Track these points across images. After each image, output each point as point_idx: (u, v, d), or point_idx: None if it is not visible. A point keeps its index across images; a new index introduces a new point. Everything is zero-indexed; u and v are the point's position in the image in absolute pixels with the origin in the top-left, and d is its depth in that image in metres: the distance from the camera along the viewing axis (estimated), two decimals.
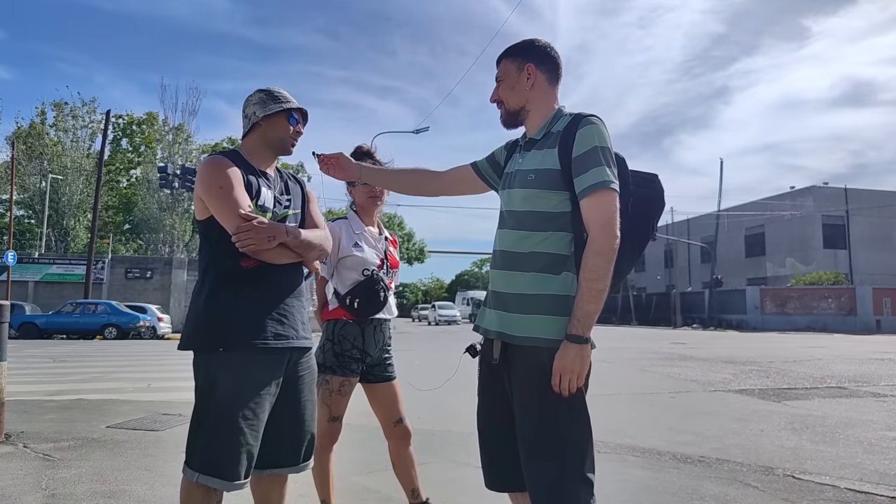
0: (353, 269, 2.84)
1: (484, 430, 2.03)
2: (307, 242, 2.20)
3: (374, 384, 2.93)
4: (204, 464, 2.03)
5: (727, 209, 43.54)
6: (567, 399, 1.79)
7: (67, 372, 10.73)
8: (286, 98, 2.29)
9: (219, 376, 2.08)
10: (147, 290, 30.02)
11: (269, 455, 2.17)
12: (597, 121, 1.89)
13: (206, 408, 2.08)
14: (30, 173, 38.46)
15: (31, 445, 4.65)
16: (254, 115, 2.26)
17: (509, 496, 2.03)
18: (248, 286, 2.12)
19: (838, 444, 5.11)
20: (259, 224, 2.03)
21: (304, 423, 2.26)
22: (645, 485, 3.89)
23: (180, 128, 41.63)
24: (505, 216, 2.01)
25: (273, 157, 2.33)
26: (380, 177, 2.48)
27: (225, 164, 2.14)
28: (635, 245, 1.98)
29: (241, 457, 2.03)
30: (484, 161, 2.25)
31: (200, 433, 2.06)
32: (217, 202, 2.08)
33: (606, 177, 1.82)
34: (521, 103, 2.02)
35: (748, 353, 15.36)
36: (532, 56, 2.01)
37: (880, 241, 41.26)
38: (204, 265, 2.21)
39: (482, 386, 2.05)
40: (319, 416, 2.80)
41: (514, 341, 1.86)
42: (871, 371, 11.00)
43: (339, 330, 2.83)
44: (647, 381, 9.58)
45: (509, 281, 1.92)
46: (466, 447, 4.75)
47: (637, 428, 5.66)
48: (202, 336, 2.13)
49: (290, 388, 2.21)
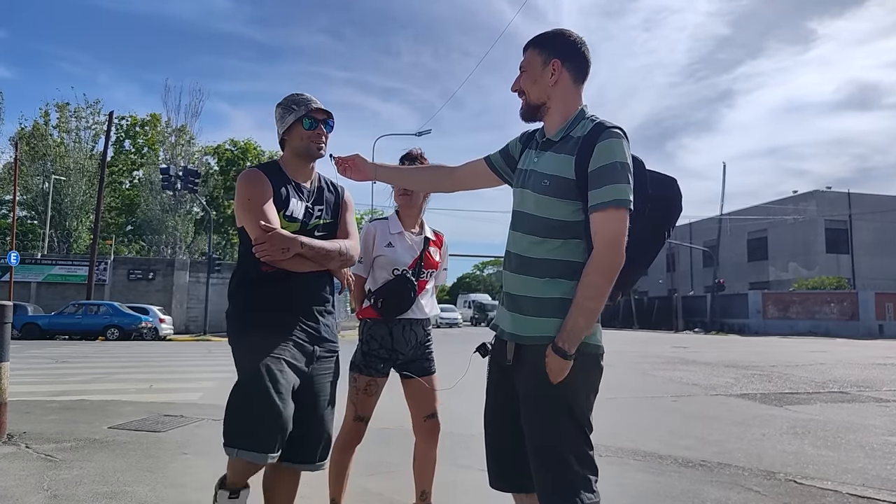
0: (383, 269, 2.91)
1: (490, 430, 2.03)
2: (324, 252, 2.27)
3: (410, 379, 2.95)
4: (238, 437, 2.04)
5: (730, 213, 43.50)
6: (573, 400, 1.80)
7: (69, 373, 10.75)
8: (300, 103, 2.34)
9: (242, 353, 2.21)
10: (149, 292, 30.04)
11: (285, 450, 2.18)
12: (619, 133, 1.83)
13: (240, 385, 2.11)
14: (33, 174, 38.51)
15: (34, 446, 4.65)
16: (278, 133, 2.39)
17: (513, 497, 2.03)
18: (266, 289, 2.25)
19: (840, 449, 5.10)
20: (275, 236, 2.13)
21: (322, 422, 2.32)
22: (646, 489, 3.89)
23: (183, 129, 41.71)
24: (518, 217, 1.97)
25: (306, 165, 2.41)
26: (395, 176, 2.48)
27: (256, 178, 2.27)
28: (651, 249, 1.96)
29: (275, 426, 2.03)
30: (497, 155, 2.21)
31: (234, 409, 2.08)
32: (243, 213, 2.23)
33: (622, 195, 1.77)
34: (542, 98, 1.95)
35: (750, 357, 15.33)
36: (560, 51, 1.92)
37: (883, 245, 41.16)
38: (236, 267, 2.39)
39: (491, 385, 2.04)
40: (346, 414, 2.87)
41: (526, 342, 1.86)
42: (873, 376, 10.98)
43: (367, 329, 2.89)
44: (649, 384, 9.57)
45: (522, 284, 1.90)
46: (468, 449, 4.74)
47: (638, 431, 5.65)
48: (229, 328, 2.31)
49: (309, 389, 2.27)
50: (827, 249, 40.95)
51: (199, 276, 30.60)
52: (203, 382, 9.35)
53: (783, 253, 42.72)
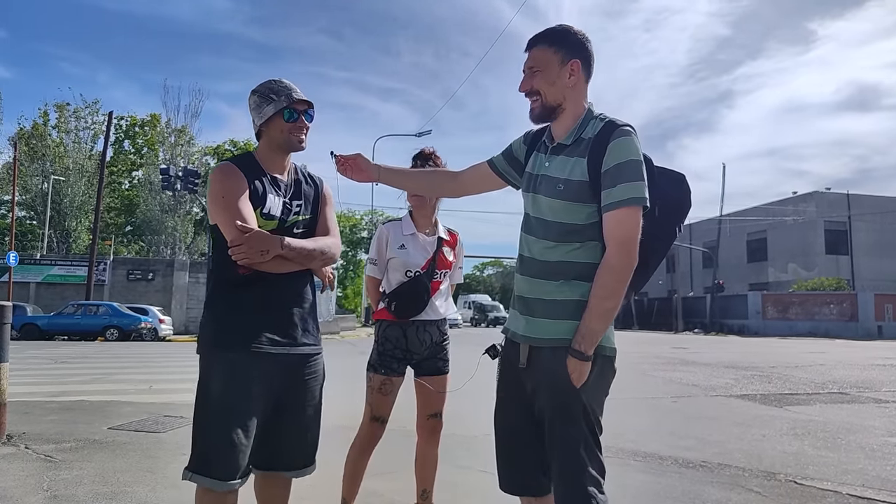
0: (397, 271, 2.93)
1: (500, 432, 2.00)
2: (306, 253, 2.13)
3: (422, 376, 2.97)
4: (197, 463, 2.03)
5: (729, 214, 43.53)
6: (587, 402, 1.80)
7: (69, 373, 10.73)
8: (280, 91, 2.17)
9: (211, 376, 2.09)
10: (148, 292, 30.02)
11: (270, 457, 2.17)
12: (629, 130, 1.81)
13: (199, 408, 2.09)
14: (32, 174, 38.52)
15: (33, 446, 4.65)
16: (254, 123, 2.22)
17: (521, 500, 2.01)
18: (245, 293, 2.11)
19: (840, 450, 5.10)
20: (253, 237, 1.99)
21: (306, 427, 2.24)
22: (646, 489, 3.89)
23: (183, 130, 41.72)
24: (532, 222, 1.95)
25: (284, 158, 2.27)
26: (399, 178, 2.38)
27: (231, 172, 2.12)
28: (662, 246, 1.94)
29: (232, 456, 2.01)
30: (500, 157, 2.17)
31: (194, 432, 2.08)
32: (218, 212, 2.07)
33: (637, 192, 1.76)
34: (559, 100, 1.90)
35: (750, 358, 15.33)
36: (577, 51, 1.89)
37: (882, 247, 41.18)
38: (209, 269, 2.24)
39: (502, 388, 2.02)
40: (363, 416, 2.85)
41: (540, 344, 1.85)
42: (872, 377, 10.99)
43: (382, 331, 2.92)
44: (649, 385, 9.56)
45: (537, 287, 1.89)
46: (469, 451, 4.74)
47: (639, 432, 5.65)
48: (201, 339, 2.15)
49: (292, 393, 2.18)
50: (826, 251, 40.97)
51: (199, 277, 30.60)
52: None
53: (783, 254, 42.73)
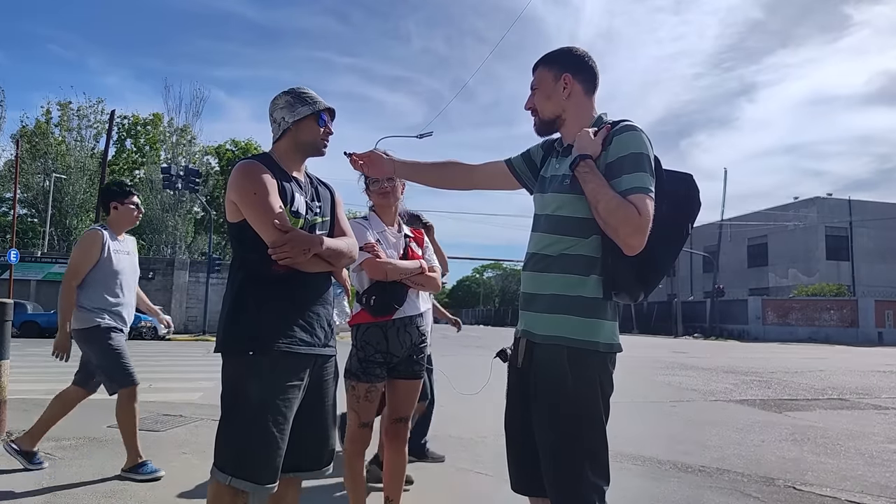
0: None
1: (510, 433, 2.02)
2: (338, 251, 2.22)
3: (395, 380, 2.89)
4: (236, 467, 2.03)
5: (730, 219, 43.53)
6: (584, 402, 1.80)
7: (69, 371, 10.71)
8: (313, 99, 2.28)
9: (248, 380, 2.08)
10: (149, 291, 29.71)
11: (289, 459, 2.16)
12: (635, 126, 1.86)
13: (236, 411, 2.09)
14: (33, 172, 38.54)
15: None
16: (283, 121, 2.25)
17: (530, 500, 2.02)
18: (278, 291, 2.14)
19: (839, 456, 5.10)
20: (296, 237, 2.04)
21: (326, 428, 2.27)
22: (645, 494, 3.89)
23: (185, 129, 41.77)
24: (539, 220, 2.00)
25: (303, 160, 2.33)
26: (414, 171, 2.42)
27: (259, 170, 2.14)
28: (672, 248, 1.94)
29: (273, 460, 2.05)
30: (519, 158, 2.21)
31: (231, 436, 2.07)
32: (251, 209, 2.09)
33: (642, 182, 1.78)
34: (556, 112, 2.01)
35: (749, 363, 15.33)
36: (569, 65, 1.99)
37: (883, 253, 41.18)
38: (236, 268, 2.21)
39: (510, 388, 2.04)
40: (349, 423, 2.82)
41: (537, 339, 1.87)
42: (872, 383, 10.99)
43: (361, 335, 2.82)
44: (648, 389, 9.56)
45: (538, 282, 1.92)
46: (468, 452, 4.75)
47: (637, 436, 5.64)
48: (232, 340, 2.13)
49: (313, 394, 2.22)
50: (827, 256, 40.95)
51: (199, 276, 30.59)
52: (202, 382, 9.34)
53: (783, 259, 42.72)
